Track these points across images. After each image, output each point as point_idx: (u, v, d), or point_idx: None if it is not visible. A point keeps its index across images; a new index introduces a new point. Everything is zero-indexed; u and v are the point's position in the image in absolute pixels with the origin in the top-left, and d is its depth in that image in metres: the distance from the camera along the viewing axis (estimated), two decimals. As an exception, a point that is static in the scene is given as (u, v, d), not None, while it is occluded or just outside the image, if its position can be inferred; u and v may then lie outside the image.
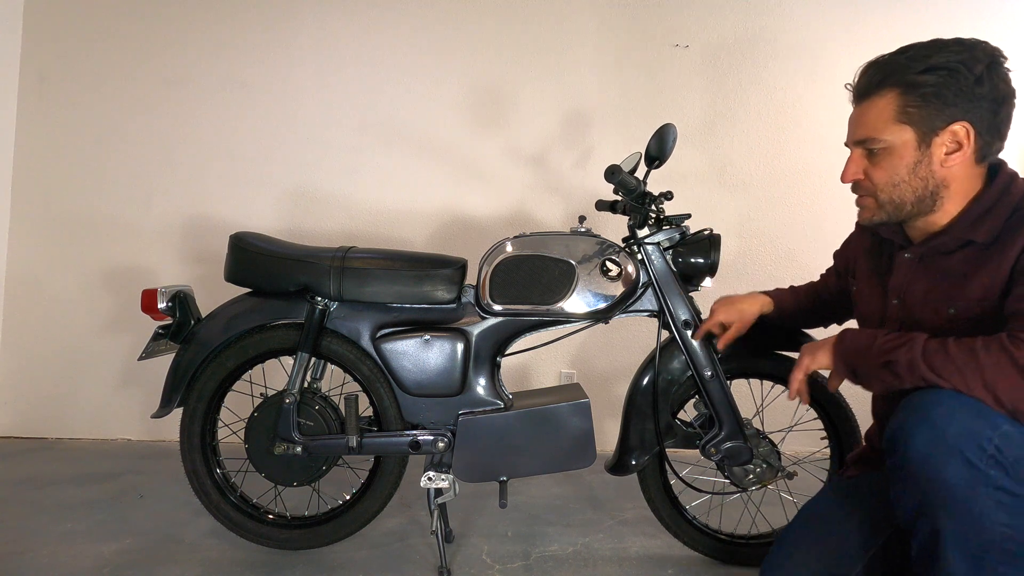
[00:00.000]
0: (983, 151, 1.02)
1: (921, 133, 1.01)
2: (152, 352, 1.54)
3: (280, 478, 1.54)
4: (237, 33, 2.54)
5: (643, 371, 1.55)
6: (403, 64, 2.54)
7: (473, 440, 1.48)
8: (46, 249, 2.56)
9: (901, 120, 1.02)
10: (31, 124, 2.55)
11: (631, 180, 1.44)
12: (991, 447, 0.85)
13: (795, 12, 2.51)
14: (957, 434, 0.86)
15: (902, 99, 1.01)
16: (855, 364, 1.03)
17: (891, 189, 1.05)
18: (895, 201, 1.06)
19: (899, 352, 0.95)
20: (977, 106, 0.99)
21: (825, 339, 1.11)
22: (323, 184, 2.56)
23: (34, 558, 1.55)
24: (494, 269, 1.49)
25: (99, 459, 2.32)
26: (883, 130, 1.03)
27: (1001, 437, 0.85)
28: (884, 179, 1.06)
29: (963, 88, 0.98)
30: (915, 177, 1.04)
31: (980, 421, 0.86)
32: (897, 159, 1.04)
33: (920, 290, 1.08)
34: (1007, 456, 0.85)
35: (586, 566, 1.57)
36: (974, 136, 1.00)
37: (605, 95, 2.53)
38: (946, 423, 0.87)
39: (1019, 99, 1.06)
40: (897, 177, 1.04)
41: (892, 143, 1.03)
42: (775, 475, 1.46)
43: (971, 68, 0.98)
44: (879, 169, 1.06)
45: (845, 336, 1.07)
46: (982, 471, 0.85)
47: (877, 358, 0.98)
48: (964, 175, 1.03)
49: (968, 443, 0.85)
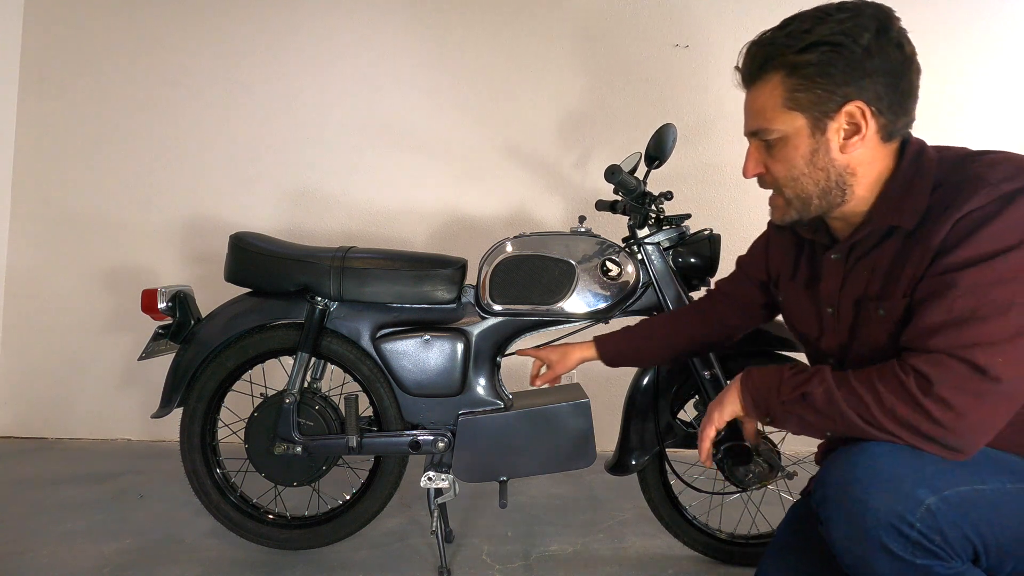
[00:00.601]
0: (888, 129, 0.89)
1: (813, 119, 0.89)
2: (152, 352, 1.54)
3: (280, 478, 1.54)
4: (237, 33, 2.54)
5: (643, 371, 1.55)
6: (403, 64, 2.54)
7: (473, 440, 1.48)
8: (46, 249, 2.56)
9: (789, 106, 0.90)
10: (31, 124, 2.55)
11: (631, 180, 1.44)
12: (914, 533, 0.76)
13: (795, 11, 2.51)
14: (875, 525, 0.77)
15: (787, 82, 0.89)
16: (767, 402, 0.93)
17: (792, 183, 0.94)
18: (800, 196, 0.95)
19: (812, 384, 0.87)
20: (872, 81, 0.86)
21: (729, 385, 1.01)
22: (323, 184, 2.55)
23: (34, 558, 1.55)
24: (494, 269, 1.49)
25: (99, 459, 2.32)
26: (772, 119, 0.92)
27: (923, 518, 0.76)
28: (783, 173, 0.94)
29: (851, 63, 0.85)
30: (814, 168, 0.91)
31: (898, 504, 0.77)
32: (792, 150, 0.92)
33: (852, 294, 0.96)
34: (933, 539, 0.76)
35: (586, 566, 1.57)
36: (872, 115, 0.87)
37: (605, 95, 2.52)
38: (863, 513, 0.78)
39: None
40: (796, 170, 0.93)
41: (784, 132, 0.91)
42: (775, 475, 1.46)
43: (856, 39, 0.85)
44: (777, 162, 0.94)
45: (751, 373, 0.98)
46: (911, 563, 0.77)
47: (790, 392, 0.90)
48: (871, 158, 0.90)
49: (890, 535, 0.77)
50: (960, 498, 0.78)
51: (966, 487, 0.79)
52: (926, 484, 0.78)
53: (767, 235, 1.23)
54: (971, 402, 0.78)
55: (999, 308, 0.77)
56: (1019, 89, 2.49)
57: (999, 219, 0.79)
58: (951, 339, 0.79)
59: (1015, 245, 0.78)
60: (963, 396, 0.78)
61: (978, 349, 0.78)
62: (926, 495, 0.77)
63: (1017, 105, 2.49)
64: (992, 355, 0.77)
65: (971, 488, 0.79)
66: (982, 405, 0.78)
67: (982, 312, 0.78)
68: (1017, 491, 0.80)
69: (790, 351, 1.50)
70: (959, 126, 2.47)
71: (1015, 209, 0.78)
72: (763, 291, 1.27)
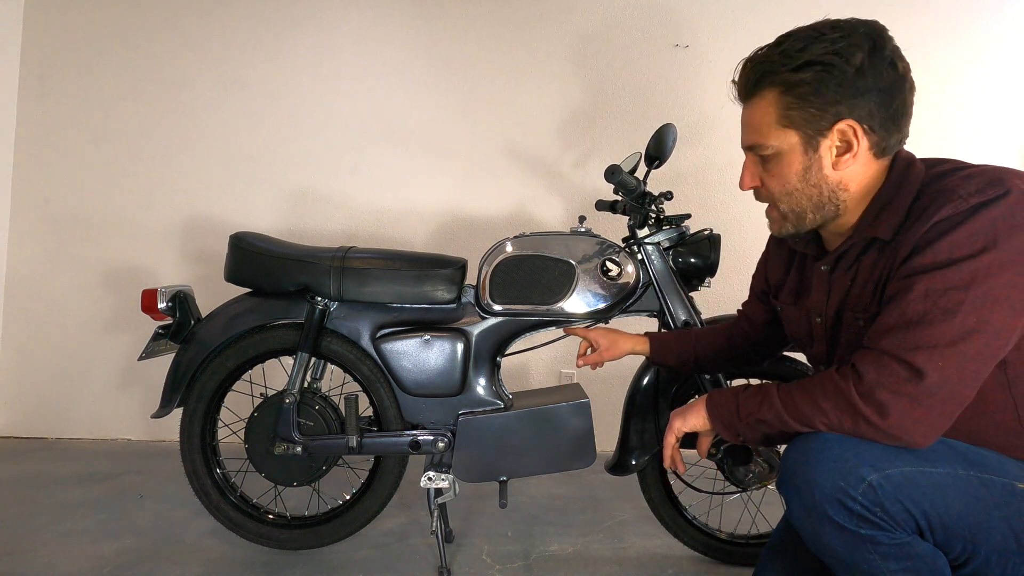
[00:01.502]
0: (880, 146, 0.91)
1: (806, 136, 0.92)
2: (152, 352, 1.54)
3: (280, 478, 1.55)
4: (238, 33, 2.54)
5: (643, 371, 1.55)
6: (403, 64, 2.54)
7: (473, 440, 1.48)
8: (46, 249, 2.56)
9: (783, 123, 0.92)
10: (31, 124, 2.55)
11: (631, 180, 1.44)
12: (857, 507, 0.81)
13: (796, 10, 2.51)
14: (823, 501, 0.83)
15: (782, 99, 0.92)
16: (731, 424, 0.98)
17: (787, 198, 0.97)
18: (794, 211, 0.97)
19: (763, 410, 0.93)
20: (864, 100, 0.88)
21: (695, 400, 1.05)
22: (323, 184, 2.55)
23: (34, 558, 1.55)
24: (494, 269, 1.49)
25: (99, 459, 2.32)
26: (767, 135, 0.94)
27: (865, 492, 0.81)
28: (778, 188, 0.97)
29: (843, 83, 0.87)
30: (807, 184, 0.94)
31: (842, 480, 0.82)
32: (786, 166, 0.95)
33: (835, 303, 1.00)
34: (875, 511, 0.81)
35: (586, 566, 1.57)
36: (863, 133, 0.90)
37: (605, 95, 2.52)
38: (811, 491, 0.84)
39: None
40: (790, 185, 0.95)
41: (779, 148, 0.94)
42: (775, 475, 1.45)
43: (849, 59, 0.87)
44: (772, 177, 0.97)
45: (714, 399, 1.01)
46: (856, 533, 0.82)
47: (747, 417, 0.95)
48: (863, 173, 0.93)
49: (835, 508, 0.82)
50: (903, 477, 0.82)
51: (911, 468, 0.83)
52: (869, 464, 0.83)
53: (767, 248, 1.25)
54: (907, 405, 0.82)
55: (945, 313, 0.81)
56: (1019, 89, 2.49)
57: (960, 229, 0.82)
58: (898, 340, 0.84)
59: (971, 255, 0.80)
60: (899, 399, 0.82)
61: (920, 352, 0.82)
62: (868, 473, 0.82)
63: (1017, 105, 2.49)
64: (932, 358, 0.81)
65: (916, 470, 0.83)
66: (917, 408, 0.82)
67: (930, 317, 0.82)
68: (968, 477, 0.84)
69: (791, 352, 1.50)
70: (959, 126, 2.47)
71: (977, 220, 0.81)
72: (767, 306, 1.29)
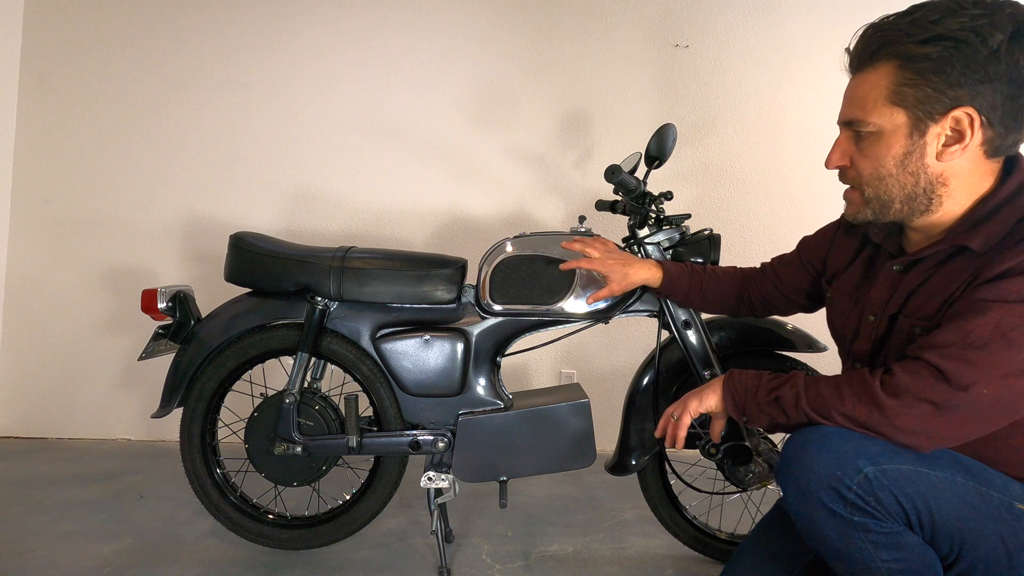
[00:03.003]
0: (994, 144, 0.83)
1: (915, 118, 0.84)
2: (152, 352, 1.54)
3: (280, 478, 1.54)
4: (238, 33, 2.54)
5: (643, 371, 1.55)
6: (403, 64, 2.54)
7: (473, 440, 1.48)
8: (46, 249, 2.56)
9: (893, 101, 0.84)
10: (31, 124, 2.55)
11: (631, 180, 1.44)
12: (851, 495, 0.82)
13: (796, 10, 2.51)
14: (818, 487, 0.83)
15: (898, 74, 0.83)
16: (744, 403, 0.98)
17: (876, 183, 0.89)
18: (880, 198, 0.90)
19: (784, 389, 0.92)
20: (990, 88, 0.79)
21: (711, 381, 1.04)
22: (323, 184, 2.55)
23: (34, 558, 1.55)
24: (494, 269, 1.49)
25: (99, 459, 2.32)
26: (871, 111, 0.86)
27: (860, 483, 0.82)
28: (869, 170, 0.90)
29: (972, 64, 0.79)
30: (904, 172, 0.87)
31: (839, 469, 0.82)
32: (884, 148, 0.87)
33: (895, 306, 0.95)
34: (868, 500, 0.82)
35: (586, 566, 1.57)
36: (980, 125, 0.81)
37: (605, 95, 2.52)
38: (808, 477, 0.84)
39: None
40: (883, 169, 0.88)
41: (881, 127, 0.86)
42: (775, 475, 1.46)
43: (986, 38, 0.78)
44: (865, 158, 0.90)
45: (734, 376, 1.00)
46: (849, 520, 0.83)
47: (766, 396, 0.94)
48: (968, 171, 0.85)
49: (830, 495, 0.83)
50: (898, 472, 0.82)
51: (908, 467, 0.83)
52: (867, 458, 0.83)
53: (837, 227, 1.17)
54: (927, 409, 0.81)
55: (1010, 347, 0.78)
56: None
57: None
58: (949, 355, 0.81)
59: None
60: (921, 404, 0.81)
61: (970, 370, 0.79)
62: (865, 465, 0.82)
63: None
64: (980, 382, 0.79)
65: (914, 468, 0.83)
66: (936, 415, 0.81)
67: (993, 346, 0.79)
68: (966, 485, 0.84)
69: (790, 351, 1.50)
70: (959, 126, 2.46)
71: None
72: (812, 280, 1.23)
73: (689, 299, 1.37)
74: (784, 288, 1.28)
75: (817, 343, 1.50)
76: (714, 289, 1.35)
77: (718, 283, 1.36)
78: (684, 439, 1.06)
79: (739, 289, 1.35)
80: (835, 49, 2.49)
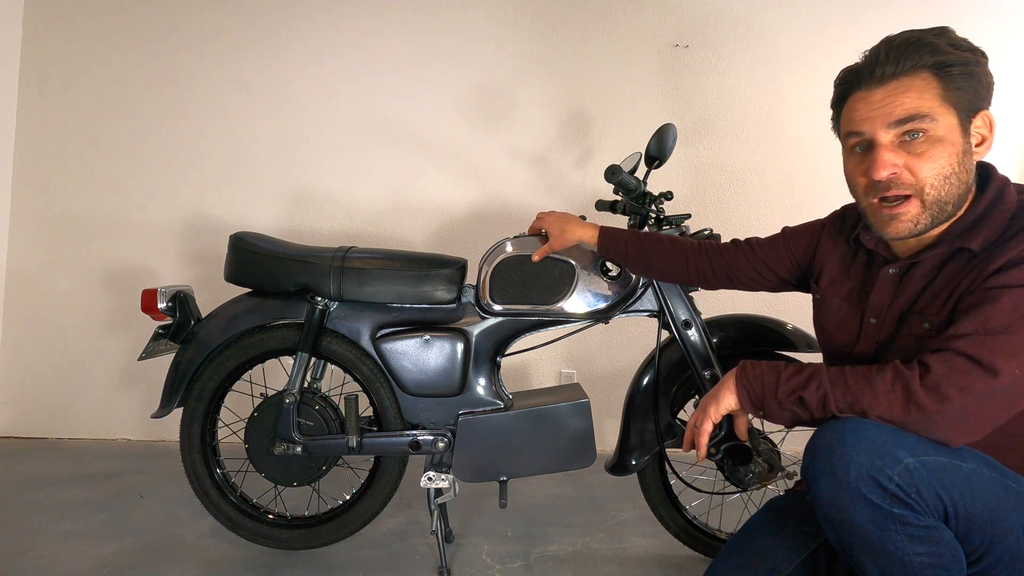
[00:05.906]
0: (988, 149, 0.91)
1: (961, 117, 0.88)
2: (152, 352, 1.54)
3: (280, 478, 1.54)
4: (237, 34, 2.54)
5: (643, 371, 1.55)
6: (403, 64, 2.54)
7: (473, 440, 1.48)
8: (46, 249, 2.56)
9: (945, 99, 0.87)
10: (31, 124, 2.55)
11: (631, 180, 1.44)
12: (892, 486, 0.81)
13: (796, 10, 2.51)
14: (857, 477, 0.82)
15: (941, 79, 0.87)
16: (762, 399, 0.95)
17: (941, 183, 0.88)
18: (941, 199, 0.89)
19: (809, 389, 0.90)
20: (990, 95, 0.90)
21: (723, 380, 1.00)
22: (323, 184, 2.55)
23: (34, 558, 1.55)
24: (494, 269, 1.49)
25: (99, 459, 2.32)
26: (933, 109, 0.87)
27: (901, 473, 0.81)
28: (933, 172, 0.88)
29: (983, 73, 0.89)
30: (963, 169, 0.89)
31: (879, 460, 0.82)
32: (948, 146, 0.87)
33: (899, 307, 0.97)
34: (909, 492, 0.81)
35: (586, 566, 1.57)
36: (991, 130, 0.90)
37: (605, 95, 2.52)
38: (846, 467, 0.83)
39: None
40: (948, 168, 0.88)
41: (945, 125, 0.88)
42: (775, 475, 1.46)
43: (978, 54, 0.89)
44: (924, 160, 0.88)
45: (747, 371, 0.97)
46: (888, 511, 0.82)
47: (788, 395, 0.92)
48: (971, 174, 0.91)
49: (869, 485, 0.82)
50: (937, 464, 0.83)
51: (944, 459, 0.84)
52: (906, 448, 0.83)
53: (820, 228, 1.19)
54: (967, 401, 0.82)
55: None
56: (1019, 89, 2.49)
57: None
58: (976, 344, 0.83)
59: None
60: (963, 395, 0.82)
61: (999, 356, 0.81)
62: (905, 456, 0.82)
63: (1017, 105, 2.49)
64: (1010, 363, 0.81)
65: (948, 460, 0.84)
66: (974, 407, 0.82)
67: (1014, 328, 0.82)
68: (992, 477, 0.85)
69: (790, 351, 1.50)
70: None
71: None
72: (790, 266, 1.24)
73: (632, 263, 1.40)
74: (756, 262, 1.28)
75: (817, 343, 1.50)
76: (659, 254, 1.37)
77: (664, 250, 1.37)
78: (706, 447, 1.03)
79: (692, 259, 1.34)
80: (835, 49, 2.50)
